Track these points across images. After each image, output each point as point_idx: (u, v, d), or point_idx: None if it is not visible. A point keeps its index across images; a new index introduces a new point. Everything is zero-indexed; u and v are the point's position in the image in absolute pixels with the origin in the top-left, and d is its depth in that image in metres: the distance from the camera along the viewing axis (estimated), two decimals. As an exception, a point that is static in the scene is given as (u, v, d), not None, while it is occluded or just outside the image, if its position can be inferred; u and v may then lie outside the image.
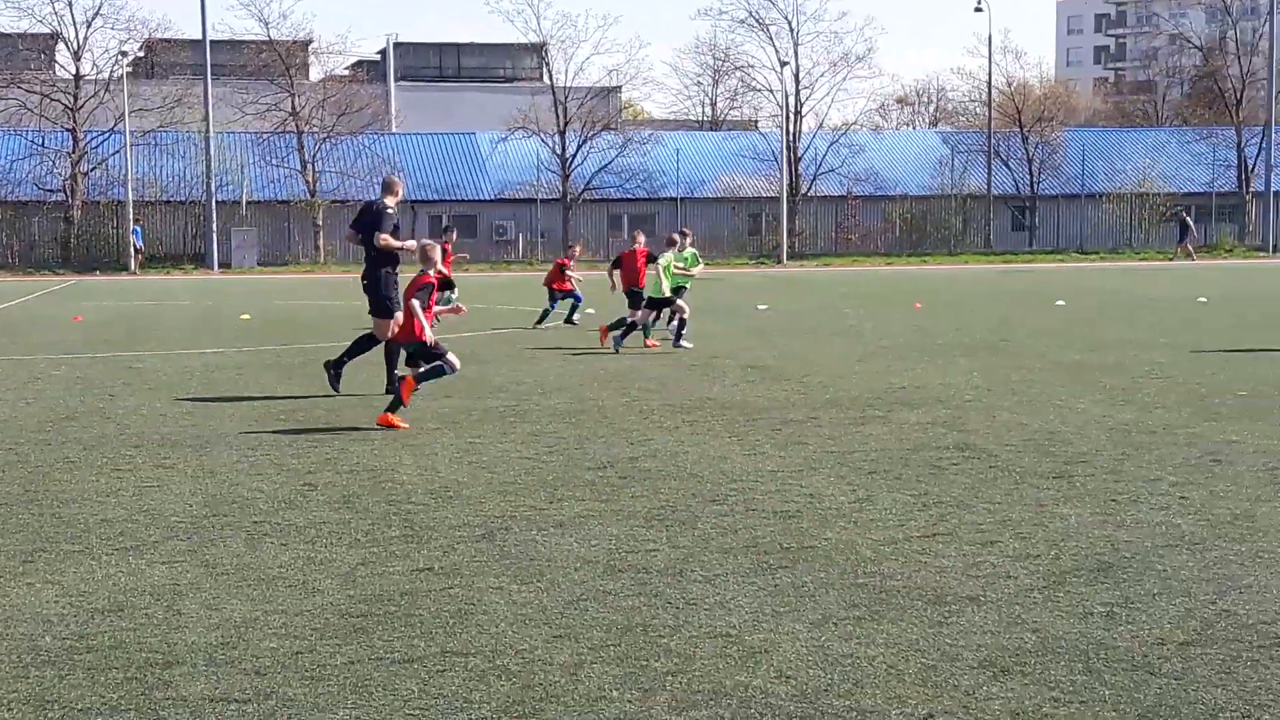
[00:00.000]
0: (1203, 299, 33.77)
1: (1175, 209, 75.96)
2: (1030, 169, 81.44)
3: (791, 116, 77.97)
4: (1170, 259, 67.95)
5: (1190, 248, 67.68)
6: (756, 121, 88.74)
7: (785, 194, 72.92)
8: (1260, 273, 52.79)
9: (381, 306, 16.03)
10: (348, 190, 68.79)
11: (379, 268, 16.13)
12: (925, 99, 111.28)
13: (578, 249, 29.83)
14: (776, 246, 72.23)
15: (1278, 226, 76.61)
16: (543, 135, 73.71)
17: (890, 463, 11.25)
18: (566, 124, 74.54)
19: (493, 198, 74.38)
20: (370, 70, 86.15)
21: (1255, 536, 8.49)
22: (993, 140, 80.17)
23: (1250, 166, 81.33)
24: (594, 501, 9.79)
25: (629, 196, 75.06)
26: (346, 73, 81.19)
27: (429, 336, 13.63)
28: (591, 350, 21.18)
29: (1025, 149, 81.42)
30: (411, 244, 16.14)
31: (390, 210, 16.24)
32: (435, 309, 14.51)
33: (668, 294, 21.77)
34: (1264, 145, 77.26)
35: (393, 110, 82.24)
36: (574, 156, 74.53)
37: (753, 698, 5.80)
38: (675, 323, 21.73)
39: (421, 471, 11.00)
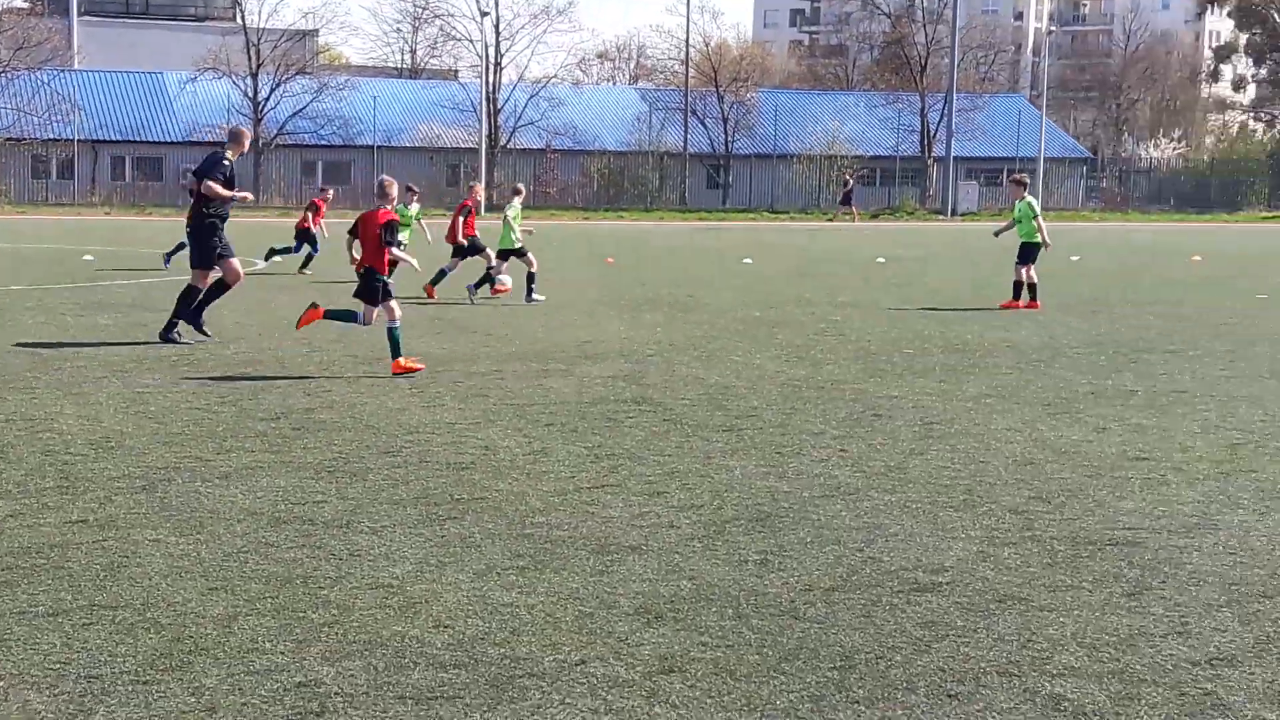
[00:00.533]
0: (881, 259, 34.94)
1: (841, 171, 78.14)
2: (725, 128, 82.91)
3: (491, 68, 77.66)
4: (830, 219, 69.68)
5: (855, 210, 69.61)
6: (456, 71, 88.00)
7: (484, 146, 72.65)
8: (938, 234, 54.87)
9: (203, 256, 15.87)
10: (24, 128, 65.88)
11: (204, 217, 15.87)
12: (626, 55, 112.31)
13: (330, 193, 29.27)
14: (474, 198, 71.87)
15: (957, 190, 79.73)
16: (234, 77, 71.77)
17: (568, 415, 11.35)
18: (259, 66, 72.69)
19: (180, 140, 72.07)
20: (51, 3, 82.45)
21: (905, 487, 8.86)
22: (690, 99, 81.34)
23: (933, 132, 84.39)
24: (264, 453, 9.63)
25: (324, 144, 73.75)
26: (25, 4, 77.56)
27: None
28: (273, 299, 20.78)
29: (721, 109, 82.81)
30: (244, 194, 16.40)
31: (226, 160, 16.07)
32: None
33: (518, 244, 21.83)
34: (946, 112, 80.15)
35: (75, 46, 78.93)
36: (266, 100, 72.77)
37: (408, 647, 5.80)
38: (483, 277, 21.98)
39: (83, 421, 10.64)
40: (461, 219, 22.67)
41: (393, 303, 13.66)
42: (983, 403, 12.29)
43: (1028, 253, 22.02)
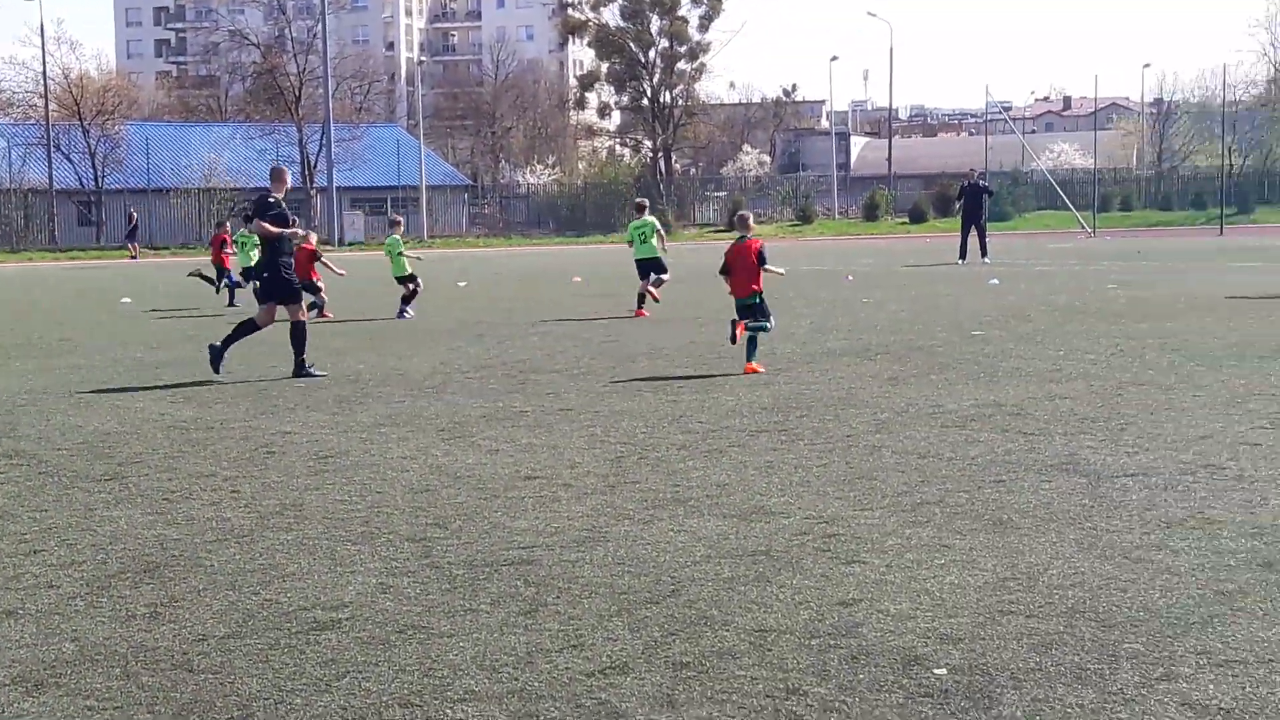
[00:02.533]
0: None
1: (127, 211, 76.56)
2: (94, 163, 79.71)
3: None
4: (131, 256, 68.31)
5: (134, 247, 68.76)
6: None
7: None
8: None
9: (290, 291, 17.07)
10: None
11: (275, 256, 16.98)
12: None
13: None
14: None
15: (342, 220, 79.90)
16: None
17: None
18: None
19: None
20: None
21: (301, 524, 8.72)
22: (53, 133, 77.69)
23: (313, 163, 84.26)
24: None
25: None
26: None
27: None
28: None
29: (87, 142, 79.62)
30: (294, 230, 17.24)
31: (273, 199, 17.15)
32: None
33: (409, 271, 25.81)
34: (324, 142, 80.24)
35: None
36: None
37: None
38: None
39: None
40: None
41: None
42: (378, 432, 12.31)
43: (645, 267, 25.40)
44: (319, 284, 26.95)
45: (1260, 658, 5.77)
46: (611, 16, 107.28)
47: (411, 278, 25.95)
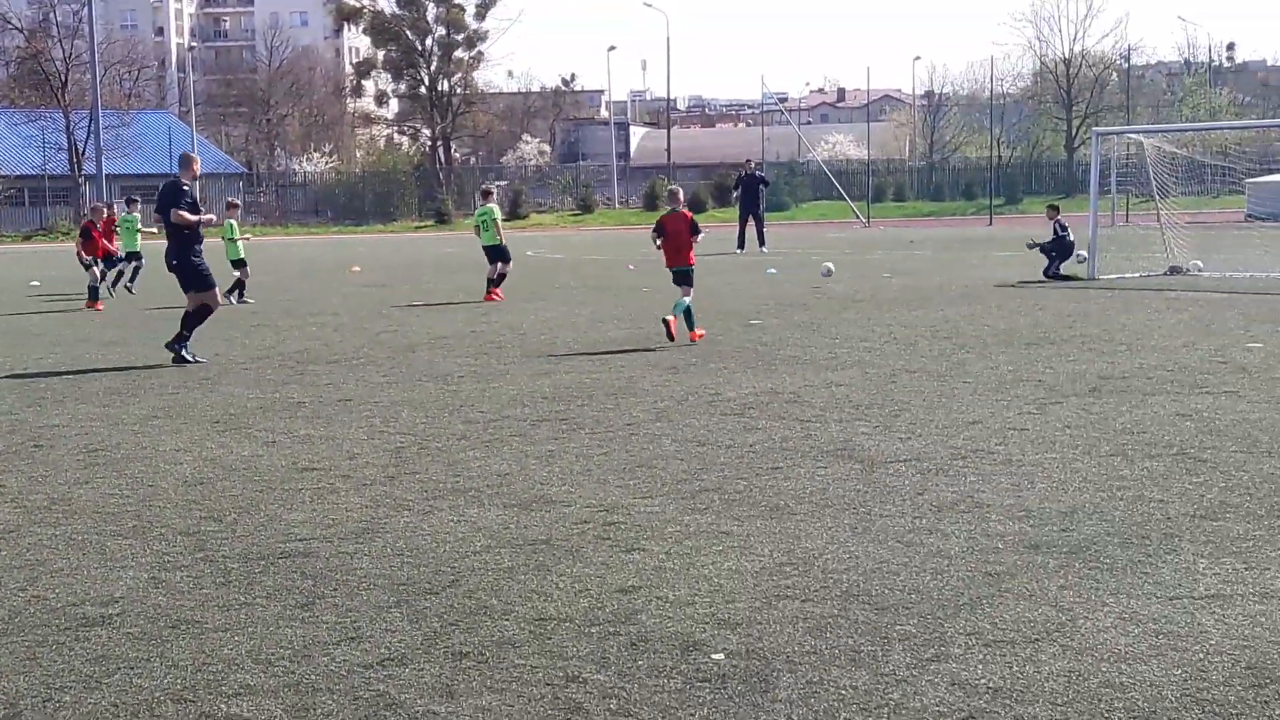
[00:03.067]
0: (36, 282, 33.46)
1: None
2: None
3: None
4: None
5: None
6: None
7: None
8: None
9: (201, 280, 16.52)
10: None
11: (186, 245, 16.35)
12: None
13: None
14: None
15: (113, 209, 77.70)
16: None
17: None
18: None
19: None
20: None
21: (71, 520, 8.49)
22: None
23: (82, 150, 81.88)
24: None
25: None
26: None
27: None
28: None
29: None
30: (209, 216, 16.75)
31: (186, 186, 16.48)
32: None
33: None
34: (93, 129, 78.07)
35: None
36: None
37: None
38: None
39: None
40: None
41: None
42: (150, 424, 12.04)
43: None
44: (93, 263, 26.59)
45: (1027, 637, 5.95)
46: (387, 3, 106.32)
47: (242, 263, 26.49)
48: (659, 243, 18.37)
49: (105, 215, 29.21)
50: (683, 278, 18.13)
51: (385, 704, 5.37)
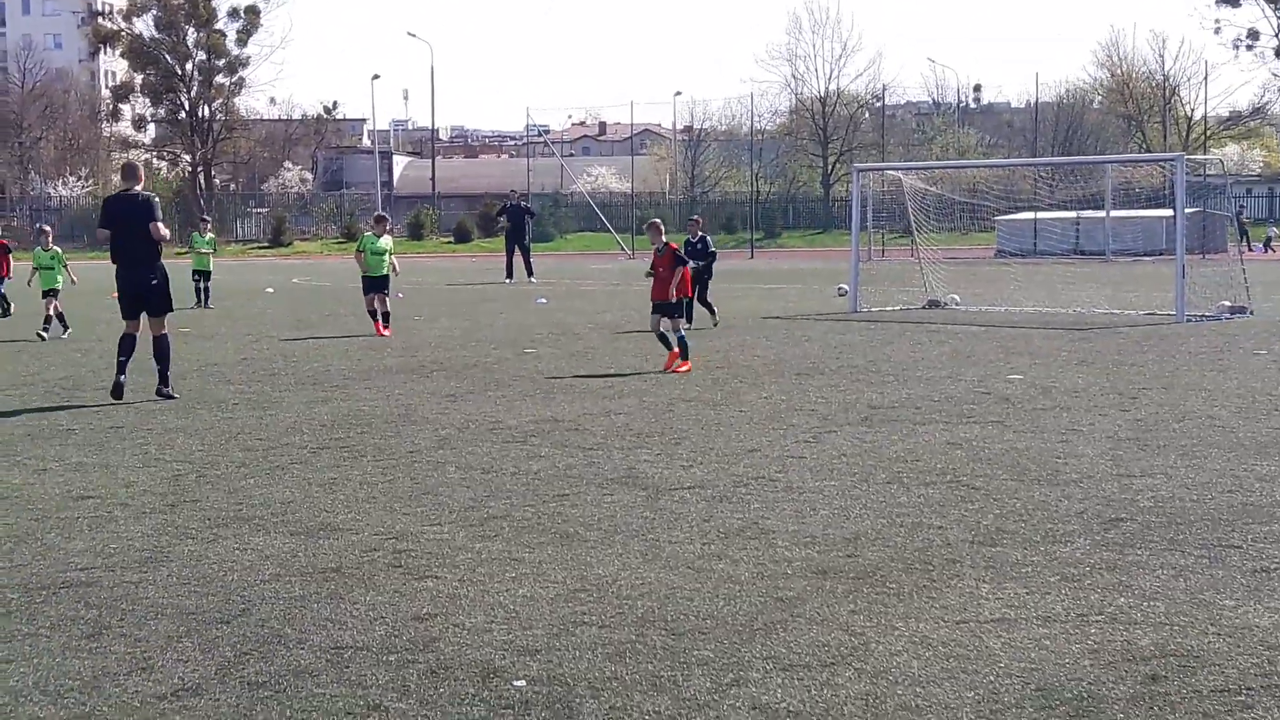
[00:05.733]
0: None
1: None
2: None
3: None
4: None
5: None
6: None
7: None
8: None
9: (169, 304, 15.11)
10: None
11: (160, 262, 14.90)
12: None
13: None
14: None
15: None
16: None
17: None
18: None
19: None
20: None
21: None
22: None
23: None
24: None
25: None
26: None
27: None
28: None
29: None
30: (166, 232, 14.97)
31: (157, 199, 15.14)
32: None
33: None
34: None
35: None
36: None
37: None
38: None
39: None
40: None
41: None
42: (-94, 453, 11.55)
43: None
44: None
45: (822, 661, 6.07)
46: (145, 27, 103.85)
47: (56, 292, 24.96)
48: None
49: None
50: (668, 309, 18.09)
51: (182, 735, 5.25)
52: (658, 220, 19.39)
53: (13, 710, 5.48)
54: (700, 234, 24.94)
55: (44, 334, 23.20)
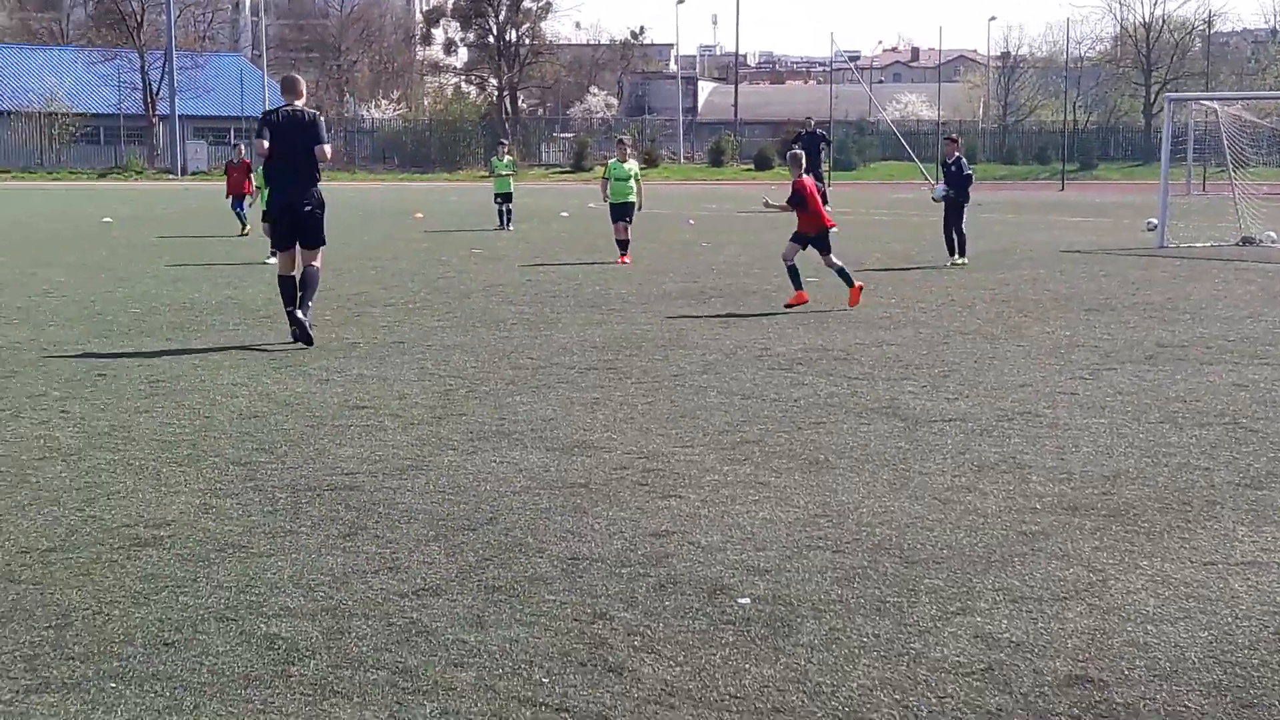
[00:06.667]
0: (108, 219, 33.89)
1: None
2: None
3: None
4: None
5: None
6: None
7: None
8: (164, 193, 53.78)
9: (323, 235, 13.63)
10: None
11: (318, 188, 13.45)
12: None
13: None
14: None
15: (185, 149, 78.41)
16: None
17: None
18: None
19: None
20: None
21: (129, 446, 8.73)
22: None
23: (155, 90, 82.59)
24: None
25: None
26: None
27: None
28: None
29: (-79, 60, 77.43)
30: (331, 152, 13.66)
31: (322, 118, 13.62)
32: None
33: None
34: (166, 70, 78.64)
35: None
36: None
37: None
38: None
39: None
40: None
41: None
42: (209, 359, 12.28)
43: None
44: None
45: (1055, 595, 6.02)
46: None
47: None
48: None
49: (241, 158, 29.33)
50: (820, 242, 17.31)
51: (417, 630, 5.54)
52: (799, 152, 18.53)
53: (268, 600, 5.85)
54: (956, 155, 24.01)
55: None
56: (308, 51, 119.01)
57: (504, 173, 32.94)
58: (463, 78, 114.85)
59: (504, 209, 32.16)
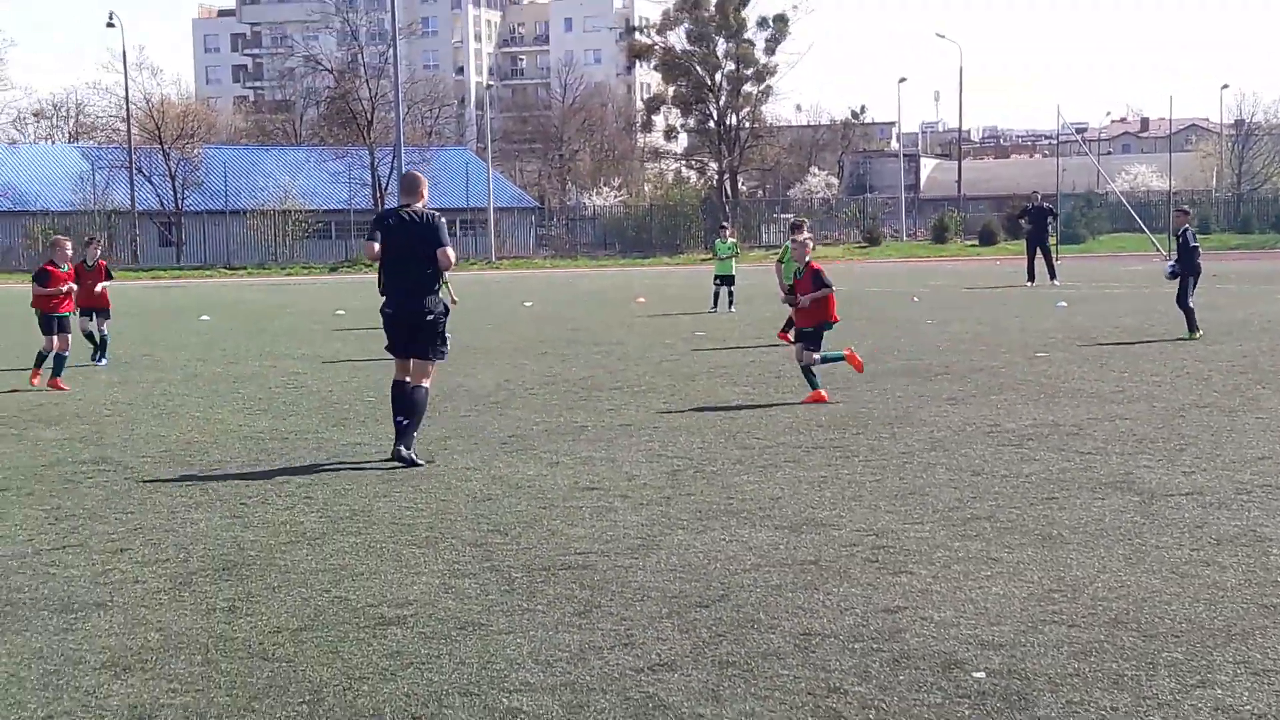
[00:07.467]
0: (341, 311, 35.02)
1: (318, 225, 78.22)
2: (174, 185, 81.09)
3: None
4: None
5: None
6: None
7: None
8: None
9: (439, 347, 12.20)
10: None
11: (437, 295, 12.15)
12: (64, 113, 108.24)
13: None
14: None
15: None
16: None
17: (23, 479, 11.01)
18: None
19: None
20: None
21: (370, 529, 9.05)
22: (135, 156, 79.10)
23: (384, 185, 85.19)
24: None
25: None
26: None
27: None
28: None
29: (168, 165, 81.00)
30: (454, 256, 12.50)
31: (443, 220, 12.30)
32: None
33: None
34: (395, 165, 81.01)
35: None
36: None
37: None
38: None
39: None
40: None
41: None
42: (444, 444, 12.62)
43: None
44: None
45: (1298, 667, 5.91)
46: (678, 40, 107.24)
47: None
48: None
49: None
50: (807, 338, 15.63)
51: (654, 705, 5.65)
52: (804, 232, 17.10)
53: (508, 676, 6.03)
54: (1184, 227, 23.09)
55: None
56: (530, 142, 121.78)
57: (724, 255, 33.24)
58: (683, 162, 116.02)
59: (726, 291, 32.46)
